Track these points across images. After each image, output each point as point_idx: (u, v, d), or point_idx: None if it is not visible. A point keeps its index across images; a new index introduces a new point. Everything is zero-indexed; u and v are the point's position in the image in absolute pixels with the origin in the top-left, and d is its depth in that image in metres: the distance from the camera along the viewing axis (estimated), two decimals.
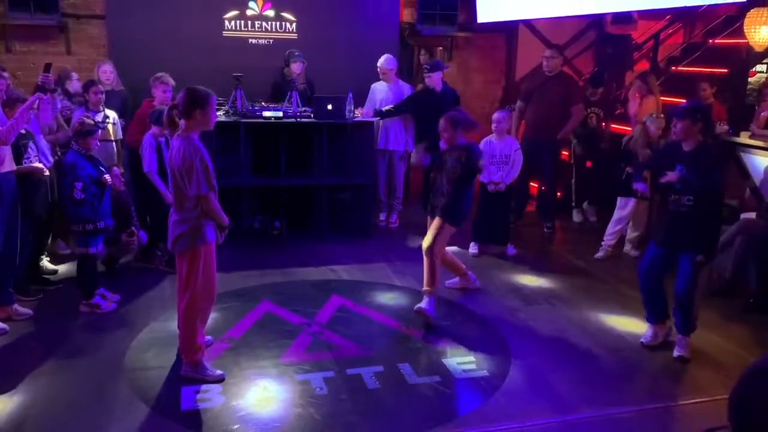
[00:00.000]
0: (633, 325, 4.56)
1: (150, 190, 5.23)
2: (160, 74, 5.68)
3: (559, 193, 7.74)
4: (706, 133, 4.11)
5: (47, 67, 4.55)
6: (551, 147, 6.71)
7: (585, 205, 7.34)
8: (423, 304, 4.53)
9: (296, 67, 6.76)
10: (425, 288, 4.59)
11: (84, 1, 7.06)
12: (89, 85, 5.68)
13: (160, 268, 5.43)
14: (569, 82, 6.94)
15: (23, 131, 4.52)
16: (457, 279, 5.23)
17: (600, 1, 6.86)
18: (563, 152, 7.40)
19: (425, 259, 4.58)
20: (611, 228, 6.09)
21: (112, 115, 5.82)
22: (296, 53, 6.79)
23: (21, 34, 6.92)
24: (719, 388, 3.74)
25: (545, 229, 6.90)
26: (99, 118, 5.53)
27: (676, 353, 4.12)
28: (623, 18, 7.97)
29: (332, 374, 3.81)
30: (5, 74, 4.73)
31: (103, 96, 5.69)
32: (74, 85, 6.12)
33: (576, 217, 7.30)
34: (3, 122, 4.23)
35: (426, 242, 4.59)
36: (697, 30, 8.55)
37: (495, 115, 6.00)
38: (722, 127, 5.99)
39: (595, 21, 8.49)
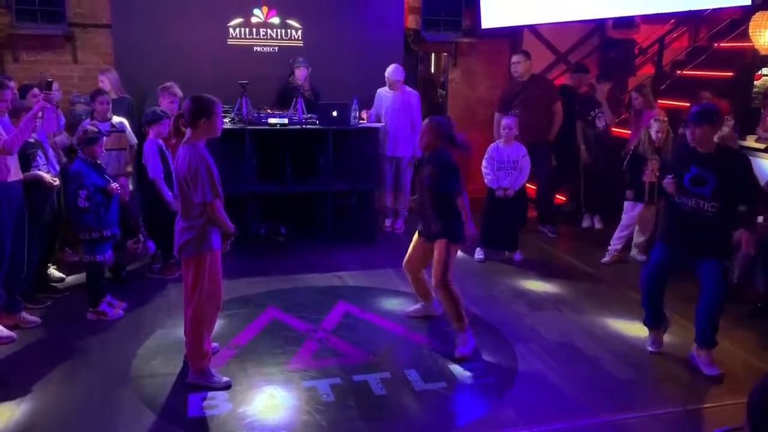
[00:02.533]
0: (640, 330, 4.54)
1: (154, 197, 5.25)
2: (168, 84, 5.67)
3: (564, 198, 7.73)
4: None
5: (49, 85, 4.44)
6: (545, 147, 6.82)
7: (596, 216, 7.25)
8: (459, 347, 4.11)
9: (300, 73, 6.78)
10: (455, 325, 4.18)
11: (90, 10, 7.10)
12: (95, 94, 5.60)
13: (152, 276, 5.45)
14: (546, 82, 7.17)
15: (32, 140, 4.56)
16: (419, 306, 4.73)
17: (604, 5, 6.86)
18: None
19: (440, 293, 4.16)
20: (618, 233, 6.08)
21: (118, 122, 5.61)
22: (300, 59, 6.83)
23: (28, 44, 6.97)
24: (726, 394, 3.73)
25: (550, 234, 6.89)
26: (106, 127, 5.48)
27: (708, 372, 3.90)
28: (625, 22, 7.98)
29: (339, 381, 3.81)
30: (11, 84, 4.76)
31: (110, 106, 5.56)
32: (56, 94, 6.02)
33: (585, 222, 7.26)
34: (9, 131, 4.26)
35: (436, 277, 4.12)
36: (702, 33, 8.54)
37: (504, 121, 5.98)
38: (729, 123, 5.82)
39: (599, 25, 8.51)
